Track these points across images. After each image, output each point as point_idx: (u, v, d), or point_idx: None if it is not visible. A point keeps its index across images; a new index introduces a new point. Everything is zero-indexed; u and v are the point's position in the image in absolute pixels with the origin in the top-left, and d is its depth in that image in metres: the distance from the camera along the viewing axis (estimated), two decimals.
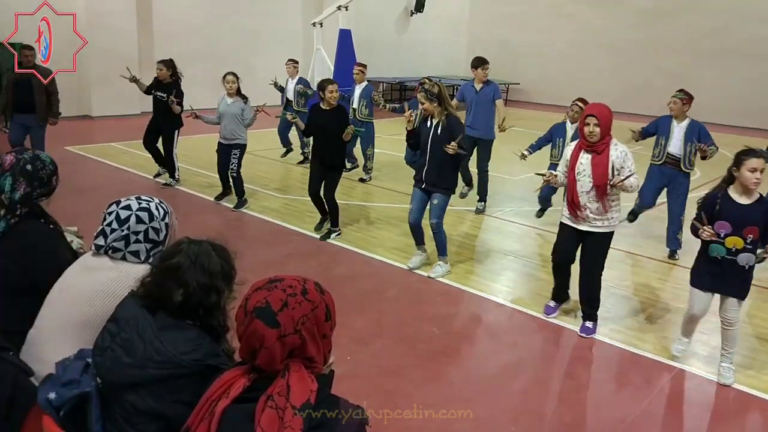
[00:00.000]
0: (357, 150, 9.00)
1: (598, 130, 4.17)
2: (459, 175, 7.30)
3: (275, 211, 7.19)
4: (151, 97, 7.81)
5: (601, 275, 4.52)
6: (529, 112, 17.51)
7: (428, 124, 5.25)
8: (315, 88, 7.59)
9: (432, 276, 5.45)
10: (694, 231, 3.82)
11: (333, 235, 6.33)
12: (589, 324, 4.59)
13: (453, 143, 4.99)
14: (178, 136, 7.90)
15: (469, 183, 7.69)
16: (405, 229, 6.67)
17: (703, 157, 5.82)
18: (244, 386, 1.49)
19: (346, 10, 14.51)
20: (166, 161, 7.99)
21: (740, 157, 3.68)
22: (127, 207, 2.13)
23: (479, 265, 5.88)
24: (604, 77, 17.91)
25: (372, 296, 5.08)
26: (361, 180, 8.88)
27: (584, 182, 4.28)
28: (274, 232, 6.53)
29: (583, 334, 4.54)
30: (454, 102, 6.81)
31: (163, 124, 7.81)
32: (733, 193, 3.72)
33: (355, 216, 7.17)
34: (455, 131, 5.11)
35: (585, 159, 4.28)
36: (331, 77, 11.41)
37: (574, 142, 4.47)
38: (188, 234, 1.93)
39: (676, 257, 6.18)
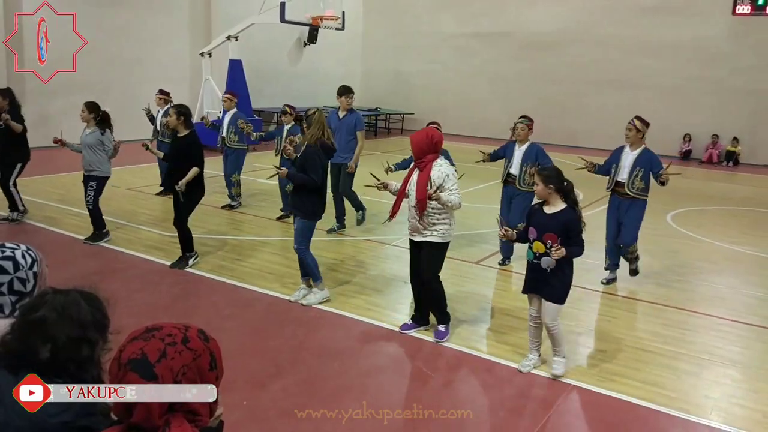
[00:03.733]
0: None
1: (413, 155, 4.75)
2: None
3: (159, 249, 6.83)
4: None
5: (438, 280, 4.83)
6: None
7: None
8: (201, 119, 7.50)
9: (304, 303, 5.41)
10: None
11: (191, 261, 6.26)
12: (441, 327, 4.88)
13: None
14: (21, 168, 7.51)
15: (358, 208, 7.90)
16: (282, 257, 6.69)
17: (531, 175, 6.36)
18: None
19: (236, 40, 14.34)
20: (4, 193, 7.50)
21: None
22: None
23: (358, 288, 5.89)
24: (490, 106, 18.84)
25: (263, 334, 4.93)
26: (230, 207, 8.84)
27: (412, 197, 4.71)
28: (159, 272, 6.18)
29: (437, 339, 4.81)
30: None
31: (3, 155, 7.37)
32: (545, 204, 4.25)
33: (240, 248, 7.03)
34: (301, 157, 5.33)
35: (414, 176, 4.74)
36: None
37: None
38: (61, 279, 1.78)
39: (507, 263, 6.79)
